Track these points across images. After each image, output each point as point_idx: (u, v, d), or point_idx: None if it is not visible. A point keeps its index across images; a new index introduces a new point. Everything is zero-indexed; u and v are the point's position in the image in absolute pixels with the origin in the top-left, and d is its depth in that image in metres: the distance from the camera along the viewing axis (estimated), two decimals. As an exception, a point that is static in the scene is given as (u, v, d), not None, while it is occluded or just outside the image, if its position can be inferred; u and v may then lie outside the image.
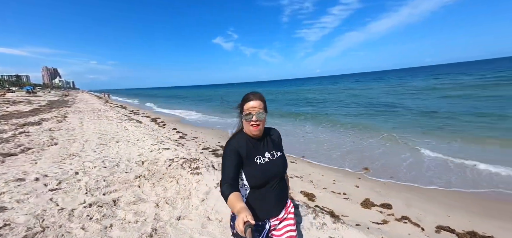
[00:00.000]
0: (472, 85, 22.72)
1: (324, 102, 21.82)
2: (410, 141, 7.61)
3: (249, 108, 1.30)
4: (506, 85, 19.60)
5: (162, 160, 5.39)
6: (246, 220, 0.93)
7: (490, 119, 9.53)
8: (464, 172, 5.04)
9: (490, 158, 5.53)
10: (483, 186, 4.32)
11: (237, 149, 1.28)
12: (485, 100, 14.13)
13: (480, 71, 43.07)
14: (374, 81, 56.13)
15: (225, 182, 1.20)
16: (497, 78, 25.52)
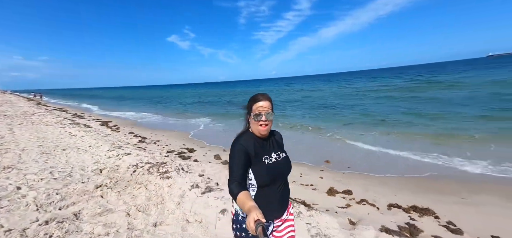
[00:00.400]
0: (401, 87, 26.77)
1: (283, 104, 22.87)
2: (358, 137, 8.64)
3: (258, 108, 1.31)
4: (423, 88, 23.64)
5: (124, 166, 4.98)
6: (257, 219, 0.92)
7: (415, 117, 11.48)
8: (405, 161, 6.02)
9: (420, 149, 6.74)
10: (420, 171, 5.26)
11: (245, 148, 1.28)
12: (411, 101, 16.88)
13: (408, 75, 50.95)
14: (323, 83, 60.99)
15: (234, 181, 1.19)
16: (417, 82, 30.62)
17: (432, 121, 10.15)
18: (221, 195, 3.63)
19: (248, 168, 1.29)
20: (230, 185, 1.20)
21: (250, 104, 1.36)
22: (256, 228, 0.90)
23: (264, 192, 1.32)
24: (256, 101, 1.32)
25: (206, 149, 7.58)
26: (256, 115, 1.30)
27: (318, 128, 10.79)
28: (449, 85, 23.04)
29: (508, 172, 4.84)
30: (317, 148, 7.61)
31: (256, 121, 1.31)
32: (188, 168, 5.09)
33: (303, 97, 27.45)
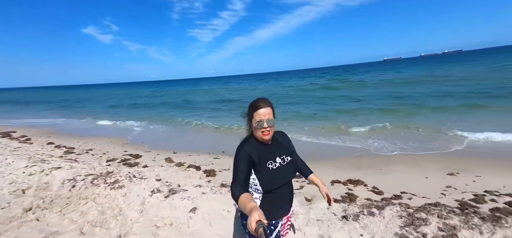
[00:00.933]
0: (325, 86, 30.93)
1: (221, 103, 23.06)
2: (298, 130, 9.75)
3: (259, 116, 1.30)
4: (341, 87, 28.09)
5: (56, 182, 4.21)
6: (258, 220, 0.93)
7: (336, 113, 13.70)
8: (337, 148, 7.24)
9: (346, 137, 8.22)
10: (349, 154, 6.46)
11: (249, 154, 1.29)
12: (333, 98, 19.88)
13: (330, 75, 59.08)
14: (258, 82, 64.15)
15: (237, 184, 1.22)
16: (336, 81, 36.18)
17: (351, 116, 12.24)
18: (187, 195, 3.60)
19: (251, 173, 1.31)
20: (233, 188, 1.22)
21: (251, 112, 1.35)
22: (257, 229, 0.91)
23: (270, 196, 1.35)
24: (256, 109, 1.31)
25: (152, 153, 7.08)
26: (258, 123, 1.30)
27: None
28: (357, 84, 28.14)
29: (405, 149, 6.52)
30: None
31: (259, 128, 1.31)
32: (140, 174, 4.73)
33: (241, 96, 28.30)
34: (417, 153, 6.02)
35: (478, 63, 38.43)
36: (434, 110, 11.14)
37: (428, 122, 8.87)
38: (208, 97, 28.58)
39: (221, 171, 5.32)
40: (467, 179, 4.26)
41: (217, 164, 5.96)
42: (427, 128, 8.09)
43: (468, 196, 3.53)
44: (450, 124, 8.29)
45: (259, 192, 1.35)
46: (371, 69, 70.19)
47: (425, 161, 5.35)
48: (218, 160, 6.37)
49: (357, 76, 43.63)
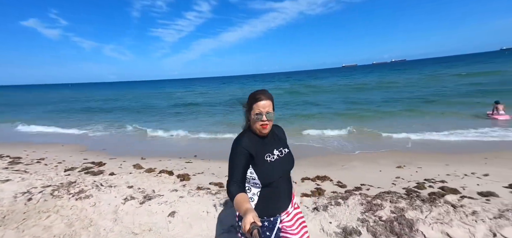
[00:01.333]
0: (291, 91, 32.38)
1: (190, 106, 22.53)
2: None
3: (259, 108, 1.27)
4: (305, 92, 29.80)
5: (7, 196, 3.76)
6: (253, 221, 0.93)
7: (303, 118, 14.58)
8: (307, 148, 7.77)
9: (313, 139, 8.85)
10: (317, 153, 7.02)
11: (247, 148, 1.26)
12: (298, 103, 21.01)
13: (293, 79, 61.88)
14: (223, 84, 64.18)
15: (234, 182, 1.19)
16: (300, 86, 38.23)
17: (315, 119, 13.13)
18: (163, 200, 3.58)
19: (247, 169, 1.29)
20: (229, 186, 1.19)
21: (250, 103, 1.32)
22: (251, 230, 0.91)
23: (268, 190, 1.32)
24: (256, 101, 1.28)
25: (117, 160, 6.67)
26: (257, 115, 1.27)
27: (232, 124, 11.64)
28: (319, 89, 30.22)
29: (363, 148, 7.33)
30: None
31: (258, 120, 1.28)
32: (107, 182, 4.48)
33: (207, 100, 28.01)
34: (372, 151, 6.83)
35: (418, 72, 44.41)
36: (384, 114, 12.65)
37: (380, 124, 10.06)
38: (172, 101, 27.52)
39: (196, 175, 5.32)
40: (411, 170, 5.04)
41: (190, 168, 5.91)
42: (380, 129, 9.18)
43: (412, 184, 4.21)
44: (397, 125, 9.57)
45: (257, 186, 1.32)
46: (331, 75, 75.42)
47: (379, 157, 6.13)
48: (191, 164, 6.31)
49: (319, 81, 46.62)
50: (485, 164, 4.98)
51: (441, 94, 16.92)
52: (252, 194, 1.33)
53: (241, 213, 1.04)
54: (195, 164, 6.34)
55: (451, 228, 2.58)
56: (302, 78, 65.76)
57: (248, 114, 1.36)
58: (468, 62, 59.19)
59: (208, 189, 4.18)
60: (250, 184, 1.34)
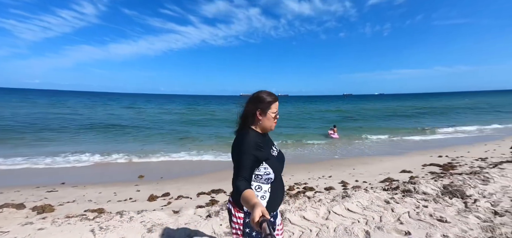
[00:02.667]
0: (176, 112, 32.18)
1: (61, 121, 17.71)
2: (164, 151, 9.64)
3: (276, 107, 1.38)
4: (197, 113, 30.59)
5: None
6: (262, 215, 0.93)
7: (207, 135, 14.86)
8: (202, 163, 7.92)
9: (210, 153, 9.18)
10: (215, 168, 7.31)
11: (256, 146, 1.28)
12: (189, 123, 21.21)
13: (189, 103, 61.31)
14: (113, 101, 54.88)
15: (242, 178, 1.20)
16: (190, 109, 38.70)
17: (209, 138, 13.78)
18: (9, 237, 2.71)
19: (258, 166, 1.30)
20: (238, 181, 1.19)
21: (268, 103, 1.36)
22: (261, 224, 0.91)
23: (275, 184, 1.37)
24: (275, 101, 1.38)
25: None
26: (275, 114, 1.38)
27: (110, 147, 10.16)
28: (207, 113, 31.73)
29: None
30: (127, 167, 7.41)
31: (273, 118, 1.38)
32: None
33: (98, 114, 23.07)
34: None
35: (295, 106, 55.45)
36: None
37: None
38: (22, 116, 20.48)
39: (63, 204, 4.29)
40: (286, 178, 6.31)
41: (55, 198, 4.69)
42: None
43: (285, 187, 5.32)
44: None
45: (269, 181, 1.34)
46: (226, 102, 79.64)
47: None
48: (56, 193, 5.00)
49: (209, 106, 47.67)
50: (330, 169, 7.01)
51: (306, 119, 22.02)
52: (264, 192, 1.33)
53: (249, 208, 1.05)
54: (62, 192, 5.08)
55: (305, 212, 3.53)
56: (197, 101, 66.33)
57: (263, 114, 1.36)
58: (323, 101, 78.86)
59: (83, 215, 3.52)
60: (262, 181, 1.33)
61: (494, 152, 7.74)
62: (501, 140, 10.06)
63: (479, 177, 4.51)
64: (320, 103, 65.32)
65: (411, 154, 8.59)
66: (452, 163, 6.46)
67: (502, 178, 4.45)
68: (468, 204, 3.52)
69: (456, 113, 25.97)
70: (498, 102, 39.99)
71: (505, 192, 3.86)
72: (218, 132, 15.41)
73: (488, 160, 6.55)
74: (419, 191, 4.06)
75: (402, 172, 5.98)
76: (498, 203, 3.44)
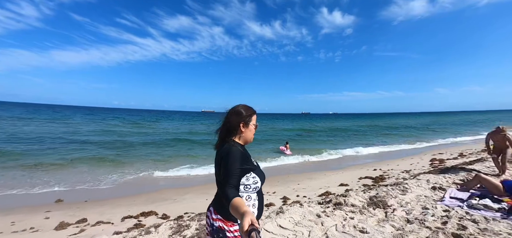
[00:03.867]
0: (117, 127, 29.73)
1: None
2: (91, 170, 8.51)
3: (255, 119, 1.48)
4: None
5: None
6: (251, 223, 0.93)
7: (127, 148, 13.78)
8: (135, 182, 7.14)
9: (143, 169, 8.41)
10: (151, 188, 6.62)
11: (243, 156, 1.32)
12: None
13: (138, 117, 57.36)
14: (47, 115, 47.69)
15: (232, 186, 1.21)
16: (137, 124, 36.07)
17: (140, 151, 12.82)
18: None
19: (246, 176, 1.33)
20: (227, 189, 1.18)
21: (250, 115, 1.44)
22: (249, 233, 0.90)
23: (260, 194, 1.42)
24: (255, 113, 1.49)
25: None
26: (254, 125, 1.47)
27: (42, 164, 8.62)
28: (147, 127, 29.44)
29: (199, 182, 7.92)
30: (42, 189, 6.22)
31: (254, 130, 1.47)
32: None
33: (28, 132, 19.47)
34: (204, 183, 7.51)
35: (262, 122, 56.22)
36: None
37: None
38: None
39: None
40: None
41: None
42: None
43: None
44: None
45: (256, 190, 1.37)
46: (188, 117, 76.94)
47: (211, 188, 6.85)
48: None
49: (161, 123, 44.83)
50: (276, 185, 7.01)
51: (265, 136, 22.33)
52: (254, 201, 1.35)
53: (238, 216, 1.04)
54: None
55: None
56: (143, 116, 62.42)
57: (245, 126, 1.42)
58: (283, 119, 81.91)
59: None
60: (251, 191, 1.35)
61: (417, 164, 8.80)
62: (424, 154, 11.59)
63: (400, 187, 4.96)
64: (281, 120, 67.68)
65: (352, 168, 9.22)
66: (383, 176, 7.07)
67: (418, 187, 4.96)
68: (388, 214, 3.78)
69: (393, 130, 29.51)
70: (426, 122, 47.03)
71: (418, 200, 4.27)
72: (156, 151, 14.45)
73: (411, 171, 7.37)
74: (348, 203, 4.23)
75: (340, 185, 6.29)
76: (411, 211, 3.77)
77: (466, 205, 3.73)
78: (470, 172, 5.87)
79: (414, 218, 3.46)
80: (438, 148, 14.08)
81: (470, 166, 6.73)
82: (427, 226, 3.17)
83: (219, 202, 1.33)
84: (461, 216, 3.41)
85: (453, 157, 9.64)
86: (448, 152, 11.51)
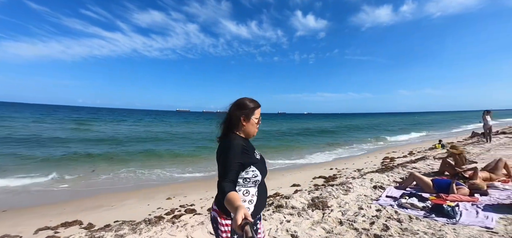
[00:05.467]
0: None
1: None
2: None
3: (259, 113, 1.46)
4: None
5: None
6: (244, 217, 0.93)
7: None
8: (61, 191, 6.44)
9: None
10: (78, 196, 5.98)
11: (243, 150, 1.31)
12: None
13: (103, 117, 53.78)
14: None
15: (229, 181, 1.21)
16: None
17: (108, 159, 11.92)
18: None
19: (245, 170, 1.33)
20: (223, 183, 1.20)
21: (252, 109, 1.42)
22: (243, 227, 0.91)
23: (261, 187, 1.42)
24: (258, 107, 1.45)
25: None
26: (257, 119, 1.45)
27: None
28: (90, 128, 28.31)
29: (143, 185, 7.40)
30: None
31: (256, 123, 1.45)
32: None
33: None
34: (151, 187, 7.01)
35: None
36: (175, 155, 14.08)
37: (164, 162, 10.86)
38: None
39: None
40: (175, 200, 5.67)
41: None
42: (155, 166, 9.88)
43: (163, 211, 4.71)
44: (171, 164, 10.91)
45: (256, 184, 1.38)
46: (160, 118, 73.48)
47: (157, 192, 6.40)
48: None
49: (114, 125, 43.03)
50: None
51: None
52: (251, 196, 1.36)
53: (232, 210, 1.06)
54: None
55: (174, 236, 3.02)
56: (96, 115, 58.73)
57: (246, 120, 1.41)
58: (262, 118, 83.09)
59: None
60: (250, 185, 1.36)
61: (371, 163, 9.21)
62: (379, 152, 12.25)
63: (344, 187, 5.03)
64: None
65: (311, 167, 9.35)
66: (335, 175, 7.23)
67: (361, 187, 5.08)
68: (325, 215, 3.75)
69: (358, 129, 31.14)
70: (389, 121, 50.52)
71: (357, 200, 4.34)
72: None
73: (363, 170, 7.64)
74: (289, 205, 4.15)
75: (292, 185, 6.26)
76: (346, 212, 3.78)
77: (397, 204, 3.85)
78: (411, 170, 6.23)
79: (346, 219, 3.46)
80: (394, 146, 15.04)
81: (413, 164, 7.17)
82: (355, 227, 3.17)
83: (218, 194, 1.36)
84: (389, 216, 3.49)
85: (403, 155, 10.27)
86: (401, 150, 12.29)
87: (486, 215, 3.13)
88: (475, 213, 3.27)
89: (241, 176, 1.31)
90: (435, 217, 3.24)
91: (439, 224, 3.05)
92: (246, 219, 0.94)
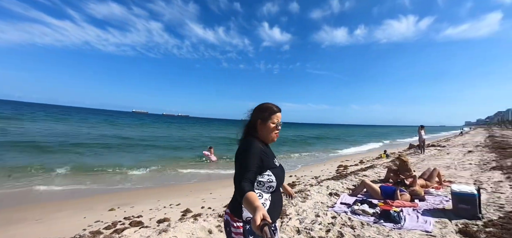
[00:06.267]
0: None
1: None
2: None
3: (278, 118, 1.44)
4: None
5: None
6: (263, 218, 0.92)
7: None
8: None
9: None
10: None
11: (261, 152, 1.32)
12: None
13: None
14: None
15: (248, 180, 1.19)
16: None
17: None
18: None
19: (262, 173, 1.32)
20: (242, 182, 1.18)
21: (269, 113, 1.42)
22: (262, 228, 0.89)
23: (276, 195, 1.39)
24: (276, 112, 1.44)
25: None
26: (276, 124, 1.43)
27: None
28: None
29: (82, 194, 6.43)
30: None
31: (275, 129, 1.43)
32: None
33: None
34: (84, 197, 6.09)
35: (203, 127, 53.81)
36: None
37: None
38: None
39: None
40: (120, 211, 5.00)
41: None
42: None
43: (104, 224, 4.07)
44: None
45: (271, 189, 1.36)
46: (116, 118, 67.55)
47: (97, 201, 5.57)
48: None
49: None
50: (187, 195, 6.31)
51: (185, 140, 21.21)
52: (264, 200, 1.33)
53: (250, 210, 1.05)
54: None
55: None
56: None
57: (262, 124, 1.42)
58: (222, 124, 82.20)
59: None
60: (264, 189, 1.35)
61: (327, 170, 9.68)
62: (334, 161, 13.04)
63: (302, 194, 5.09)
64: (218, 125, 66.73)
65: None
66: (294, 182, 7.34)
67: (318, 194, 5.20)
68: (283, 224, 3.68)
69: (315, 139, 32.99)
70: (342, 132, 54.89)
71: (315, 207, 4.39)
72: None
73: (320, 177, 7.94)
74: (247, 214, 4.00)
75: (252, 193, 6.11)
76: (304, 220, 3.78)
77: (350, 211, 4.00)
78: (362, 177, 6.69)
79: (304, 228, 3.43)
80: (348, 155, 16.22)
81: (363, 172, 7.74)
82: (312, 235, 3.15)
83: (232, 197, 1.36)
84: (344, 223, 3.58)
85: (354, 164, 11.08)
86: (353, 159, 13.29)
87: (425, 219, 3.43)
88: (416, 217, 3.56)
89: (256, 179, 1.30)
90: (383, 222, 3.42)
91: (387, 230, 3.23)
92: (265, 219, 0.93)
